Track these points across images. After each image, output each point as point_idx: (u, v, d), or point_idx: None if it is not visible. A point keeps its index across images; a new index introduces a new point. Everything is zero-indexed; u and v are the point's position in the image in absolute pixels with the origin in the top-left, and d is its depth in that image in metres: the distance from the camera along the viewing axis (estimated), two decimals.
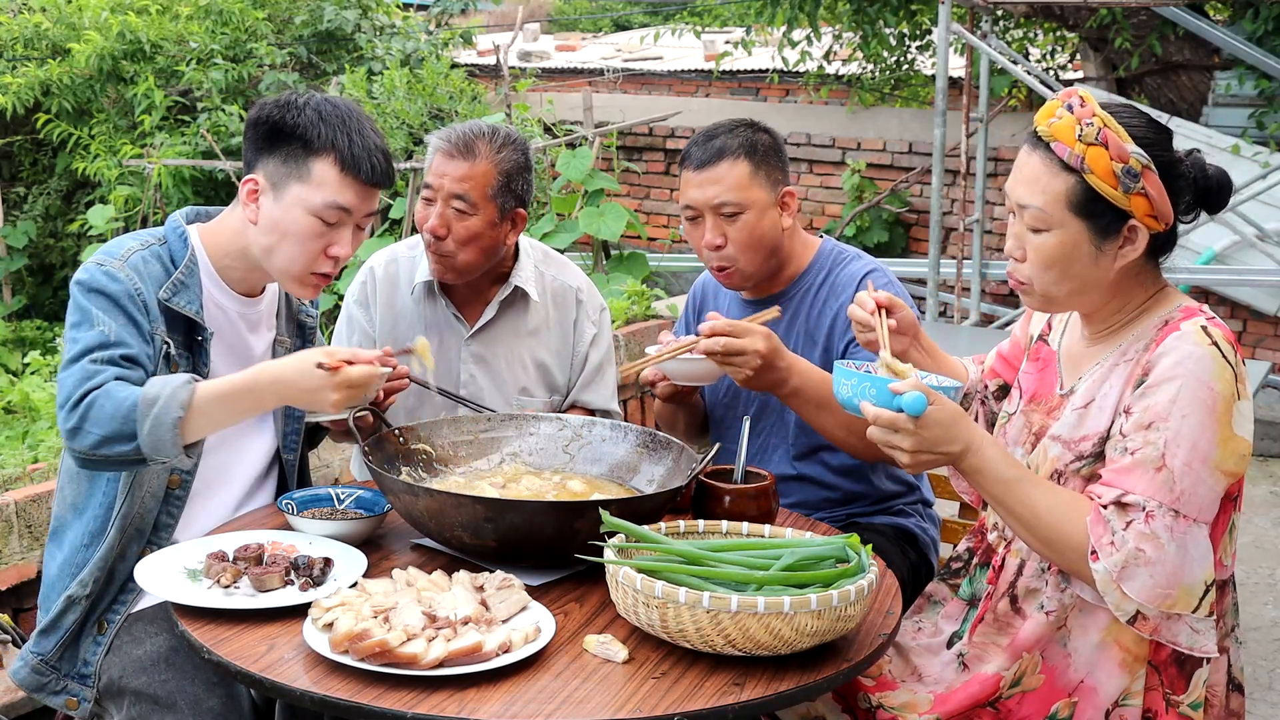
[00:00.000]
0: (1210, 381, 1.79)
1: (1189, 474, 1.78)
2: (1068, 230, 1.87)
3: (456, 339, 2.75)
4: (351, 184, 2.14)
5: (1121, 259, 1.88)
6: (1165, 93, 8.01)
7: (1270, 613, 4.25)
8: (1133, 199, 1.84)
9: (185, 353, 2.17)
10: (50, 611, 2.17)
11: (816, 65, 9.66)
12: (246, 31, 7.38)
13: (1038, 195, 1.88)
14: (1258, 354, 7.33)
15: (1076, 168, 1.84)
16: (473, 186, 2.55)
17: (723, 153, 2.50)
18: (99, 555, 2.13)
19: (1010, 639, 2.00)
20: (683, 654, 1.76)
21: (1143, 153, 1.83)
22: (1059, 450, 1.94)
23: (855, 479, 2.63)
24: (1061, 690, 1.95)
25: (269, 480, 2.39)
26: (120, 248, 2.16)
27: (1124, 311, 1.96)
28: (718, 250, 2.53)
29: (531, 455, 2.38)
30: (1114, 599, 1.79)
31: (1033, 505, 1.85)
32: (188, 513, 2.22)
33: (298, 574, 1.92)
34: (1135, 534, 1.78)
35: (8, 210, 7.49)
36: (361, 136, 2.15)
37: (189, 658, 2.04)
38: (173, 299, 2.14)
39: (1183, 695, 1.91)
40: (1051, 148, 1.87)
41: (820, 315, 2.59)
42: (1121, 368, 1.90)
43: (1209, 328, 1.83)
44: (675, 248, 8.80)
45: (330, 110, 2.15)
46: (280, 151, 2.14)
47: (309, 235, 2.14)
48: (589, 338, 2.84)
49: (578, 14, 18.70)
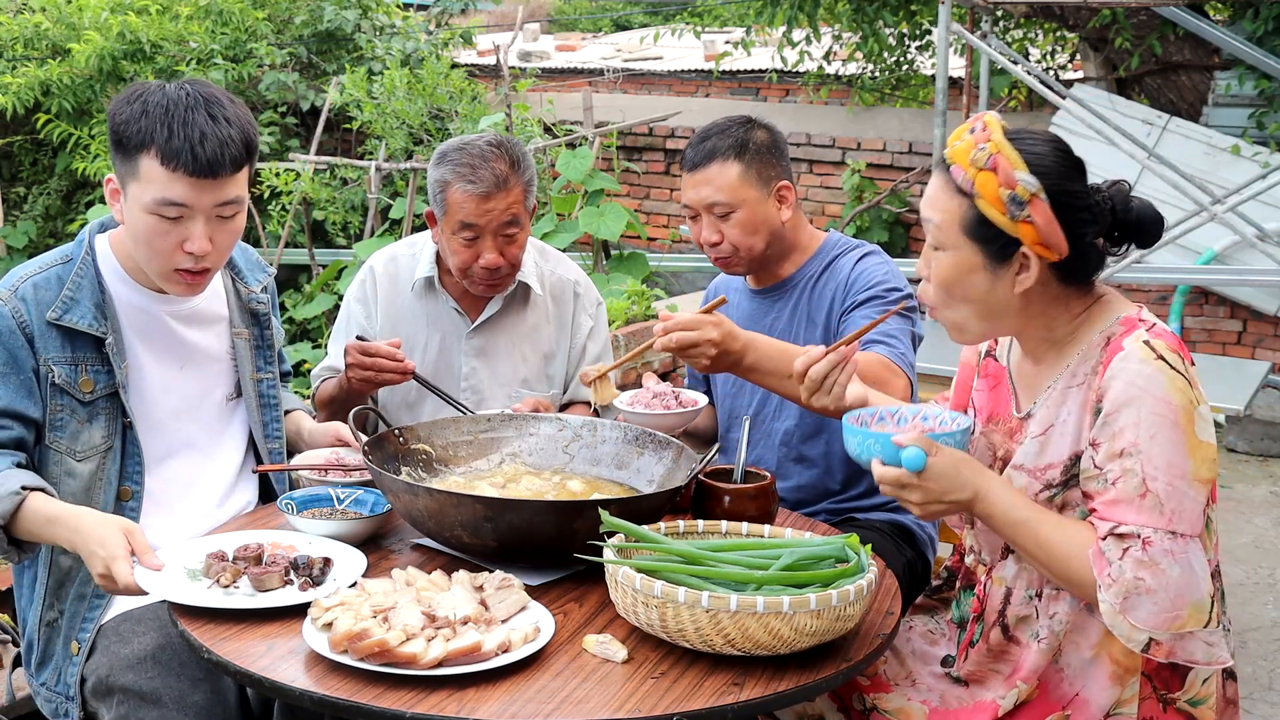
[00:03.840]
0: (1166, 396, 1.78)
1: (1173, 493, 1.78)
2: (961, 252, 1.88)
3: (457, 333, 2.79)
4: (180, 178, 2.03)
5: (1019, 285, 1.87)
6: (1165, 93, 8.01)
7: (1270, 613, 4.25)
8: (1020, 226, 1.82)
9: (98, 366, 2.16)
10: (38, 643, 2.21)
11: (816, 65, 9.65)
12: (246, 31, 7.39)
13: (937, 213, 1.89)
14: (1258, 354, 7.32)
15: (968, 191, 1.85)
16: (518, 209, 2.62)
17: (713, 154, 2.57)
18: (52, 579, 2.18)
19: (1011, 668, 1.99)
20: (682, 654, 1.76)
21: (1032, 180, 1.81)
22: (1025, 480, 1.93)
23: (850, 463, 2.63)
24: (1055, 704, 1.95)
25: (243, 487, 2.38)
26: (16, 275, 2.15)
27: (1054, 330, 1.94)
28: (715, 246, 2.62)
29: (531, 455, 2.38)
30: (1124, 631, 1.79)
31: (1046, 544, 1.86)
32: (153, 524, 2.22)
33: (297, 574, 1.92)
34: (1132, 563, 1.77)
35: (8, 210, 7.49)
36: (186, 127, 2.02)
37: (175, 655, 2.05)
38: (64, 316, 2.12)
39: (1179, 692, 1.91)
40: (950, 170, 1.88)
41: (819, 298, 2.64)
42: (1075, 391, 1.89)
43: (1151, 341, 1.81)
44: (675, 248, 8.80)
45: (157, 102, 2.04)
46: (120, 150, 2.08)
47: (154, 233, 2.08)
48: (586, 330, 2.88)
49: (578, 14, 18.70)
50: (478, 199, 2.57)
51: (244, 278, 2.40)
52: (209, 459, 2.32)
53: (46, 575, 2.19)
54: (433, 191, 2.64)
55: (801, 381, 2.13)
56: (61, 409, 2.14)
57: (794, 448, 2.67)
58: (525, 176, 2.64)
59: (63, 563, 2.18)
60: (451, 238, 2.63)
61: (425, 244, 2.81)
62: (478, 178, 2.57)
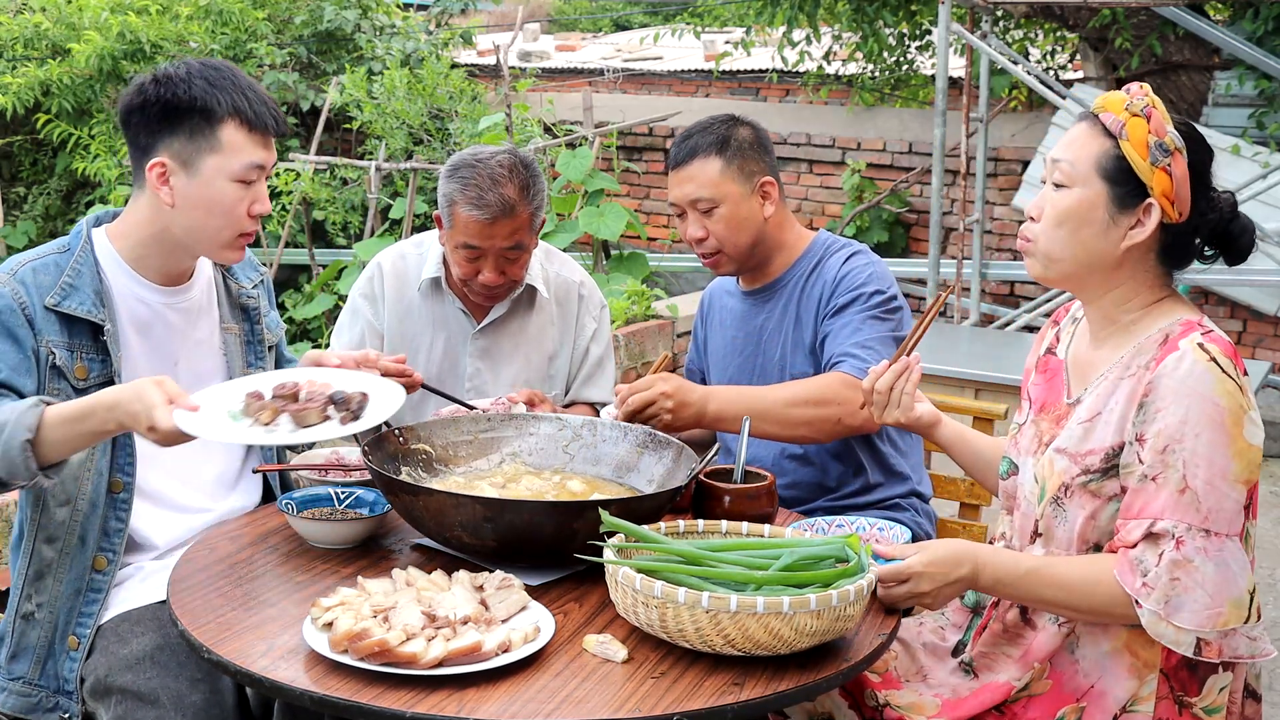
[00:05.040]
0: (1215, 397, 1.81)
1: (1212, 492, 1.80)
2: (1089, 189, 1.91)
3: (463, 334, 2.79)
4: (260, 139, 2.16)
5: (1130, 239, 1.91)
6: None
7: (1270, 613, 4.25)
8: (1156, 174, 1.87)
9: (94, 354, 2.16)
10: (11, 636, 2.19)
11: (816, 65, 9.65)
12: (246, 31, 7.38)
13: (1072, 152, 1.94)
14: (1258, 354, 7.32)
15: (1115, 133, 1.90)
16: (523, 234, 2.63)
17: (695, 151, 2.62)
18: (31, 569, 2.16)
19: (1023, 650, 2.01)
20: (682, 654, 1.76)
21: (1180, 138, 1.88)
22: (1065, 464, 1.95)
23: (844, 460, 2.68)
24: (1069, 695, 1.95)
25: (244, 486, 2.38)
26: (13, 262, 2.15)
27: (1126, 309, 1.97)
28: (700, 242, 2.65)
29: (531, 455, 2.38)
30: (1171, 636, 1.81)
31: (1065, 582, 1.89)
32: (158, 509, 2.22)
33: (336, 408, 1.94)
34: (1168, 564, 1.80)
35: (8, 210, 7.49)
36: (253, 91, 2.16)
37: (174, 655, 2.05)
38: (62, 303, 2.12)
39: (1196, 698, 1.91)
40: (1099, 117, 1.93)
41: (807, 299, 2.66)
42: (1126, 382, 1.91)
43: (1205, 344, 1.85)
44: (675, 248, 8.80)
45: (216, 75, 2.14)
46: (182, 128, 2.12)
47: (235, 201, 2.15)
48: (590, 332, 2.89)
49: (578, 14, 18.70)
50: (482, 224, 2.57)
51: (234, 275, 2.40)
52: (202, 455, 2.30)
53: (26, 565, 2.17)
54: (441, 203, 2.65)
55: (871, 399, 2.19)
56: (58, 393, 2.12)
57: (788, 446, 2.67)
58: (534, 203, 2.63)
59: (45, 553, 2.16)
60: (454, 251, 2.64)
61: (432, 244, 2.81)
62: (484, 203, 2.56)
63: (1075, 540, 1.95)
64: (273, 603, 1.90)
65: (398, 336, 2.77)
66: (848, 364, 2.50)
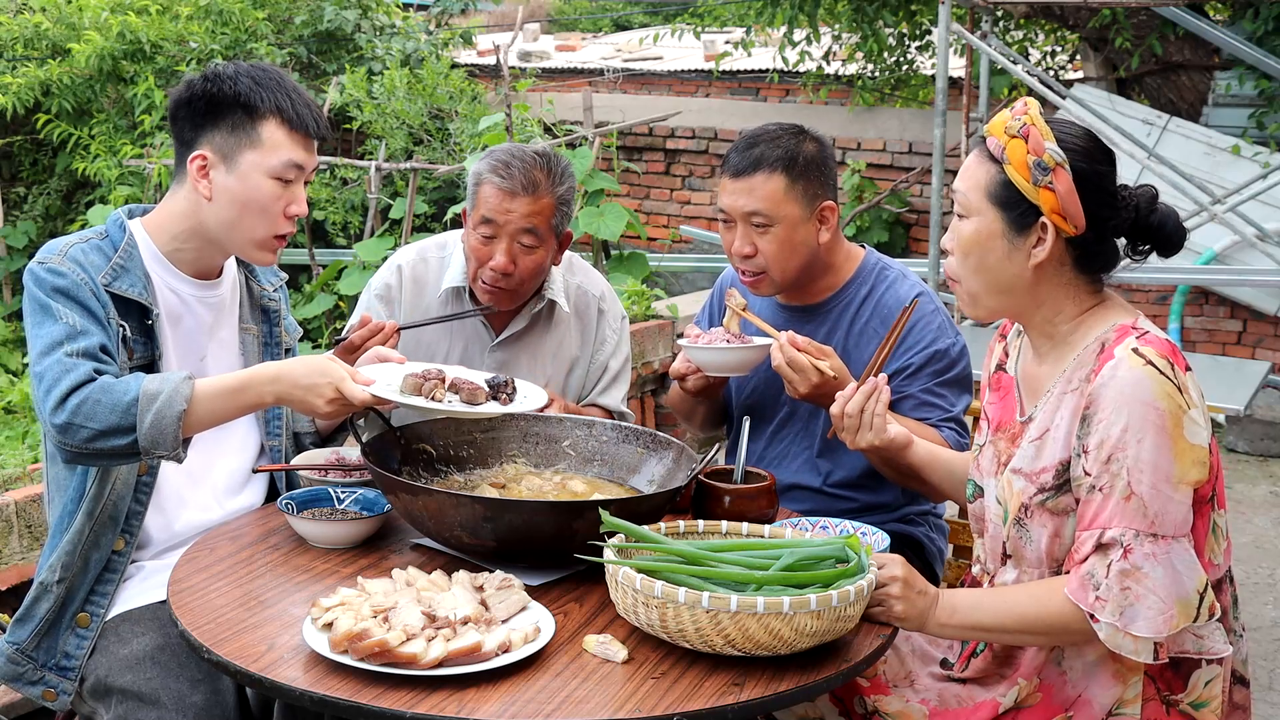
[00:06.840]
0: (1154, 401, 1.80)
1: (1157, 496, 1.80)
2: (984, 218, 1.93)
3: (481, 346, 2.76)
4: (300, 140, 2.19)
5: (1035, 258, 1.91)
6: (1165, 93, 8.01)
7: (1270, 613, 4.25)
8: (1041, 192, 1.88)
9: (139, 337, 2.16)
10: (25, 600, 2.17)
11: (816, 65, 9.65)
12: (246, 31, 7.38)
13: (965, 181, 1.96)
14: (1258, 354, 7.32)
15: (998, 158, 1.91)
16: (540, 221, 2.57)
17: (759, 163, 2.46)
18: (67, 540, 2.13)
19: (1014, 668, 2.01)
20: (682, 654, 1.76)
21: (1059, 151, 1.88)
22: (1022, 484, 1.96)
23: (873, 490, 2.61)
24: (1058, 706, 1.96)
25: (251, 486, 2.38)
26: (59, 244, 2.16)
27: (1058, 324, 1.97)
28: (747, 259, 2.51)
29: (532, 455, 2.38)
30: (1130, 647, 1.81)
31: (1015, 605, 1.90)
32: (165, 505, 2.22)
33: (496, 391, 2.18)
34: (1117, 574, 1.80)
35: (8, 210, 7.49)
36: (297, 94, 2.19)
37: (174, 656, 2.05)
38: (114, 283, 2.13)
39: (1181, 694, 1.92)
40: (985, 141, 1.95)
41: (862, 336, 2.57)
42: (1069, 397, 1.91)
43: (1139, 348, 1.84)
44: (675, 248, 8.80)
45: (262, 75, 2.18)
46: (225, 123, 2.15)
47: (271, 199, 2.17)
48: (610, 347, 2.85)
49: (578, 14, 18.69)
50: (503, 194, 2.55)
51: (257, 276, 2.41)
52: (216, 453, 2.32)
53: (63, 537, 2.12)
54: (469, 182, 2.64)
55: (842, 424, 2.18)
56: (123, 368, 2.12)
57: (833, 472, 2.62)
58: (559, 190, 2.60)
59: (82, 527, 2.11)
60: (472, 232, 2.61)
61: (456, 248, 2.77)
62: (509, 174, 2.55)
63: (1044, 559, 1.95)
64: (273, 603, 1.90)
65: (412, 342, 2.74)
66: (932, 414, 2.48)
